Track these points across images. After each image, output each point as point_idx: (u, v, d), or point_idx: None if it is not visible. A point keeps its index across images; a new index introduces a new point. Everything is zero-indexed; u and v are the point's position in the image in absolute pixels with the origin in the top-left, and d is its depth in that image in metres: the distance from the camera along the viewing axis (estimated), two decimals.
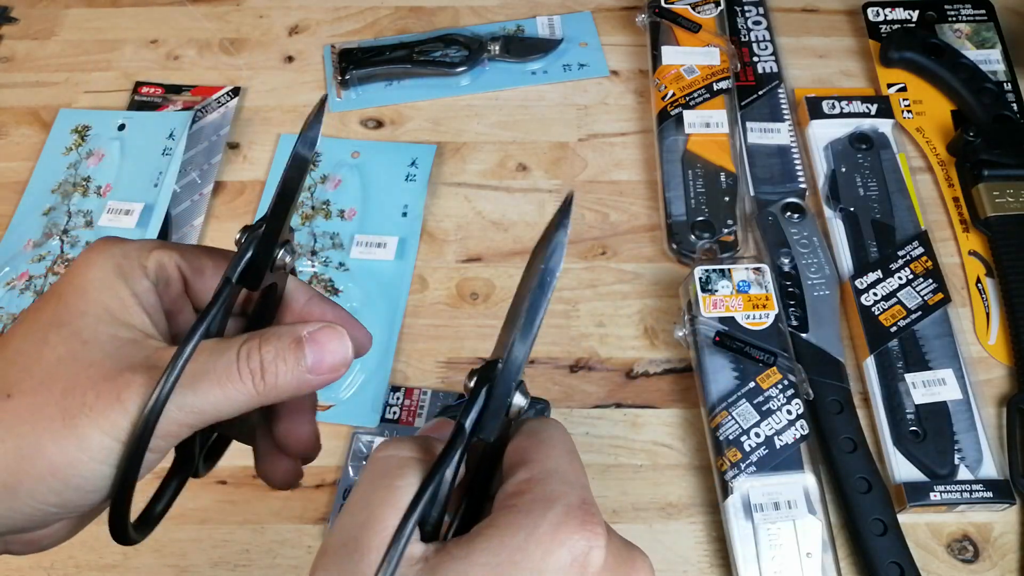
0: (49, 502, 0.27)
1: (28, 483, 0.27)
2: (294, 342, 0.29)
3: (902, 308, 0.58)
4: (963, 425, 0.55)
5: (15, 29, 0.78)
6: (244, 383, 0.28)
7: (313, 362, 0.29)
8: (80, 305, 0.29)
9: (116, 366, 0.28)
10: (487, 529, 0.25)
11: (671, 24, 0.72)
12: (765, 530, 0.50)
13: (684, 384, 0.58)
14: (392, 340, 0.60)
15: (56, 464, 0.27)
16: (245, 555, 0.52)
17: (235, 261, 0.30)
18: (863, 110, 0.67)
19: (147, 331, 0.30)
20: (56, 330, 0.28)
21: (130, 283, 0.30)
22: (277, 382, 0.29)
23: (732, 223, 0.63)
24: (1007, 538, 0.53)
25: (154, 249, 0.31)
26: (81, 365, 0.28)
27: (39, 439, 0.27)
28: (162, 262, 0.31)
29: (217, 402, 0.28)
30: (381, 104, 0.72)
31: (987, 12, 0.74)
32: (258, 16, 0.78)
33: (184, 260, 0.32)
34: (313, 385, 0.30)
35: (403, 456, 0.27)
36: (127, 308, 0.29)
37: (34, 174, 0.68)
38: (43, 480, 0.27)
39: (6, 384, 0.28)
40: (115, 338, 0.29)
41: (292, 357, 0.29)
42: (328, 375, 0.30)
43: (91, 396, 0.27)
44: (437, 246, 0.64)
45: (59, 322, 0.29)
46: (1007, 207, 0.62)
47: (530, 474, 0.26)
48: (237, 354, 0.28)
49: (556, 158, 0.69)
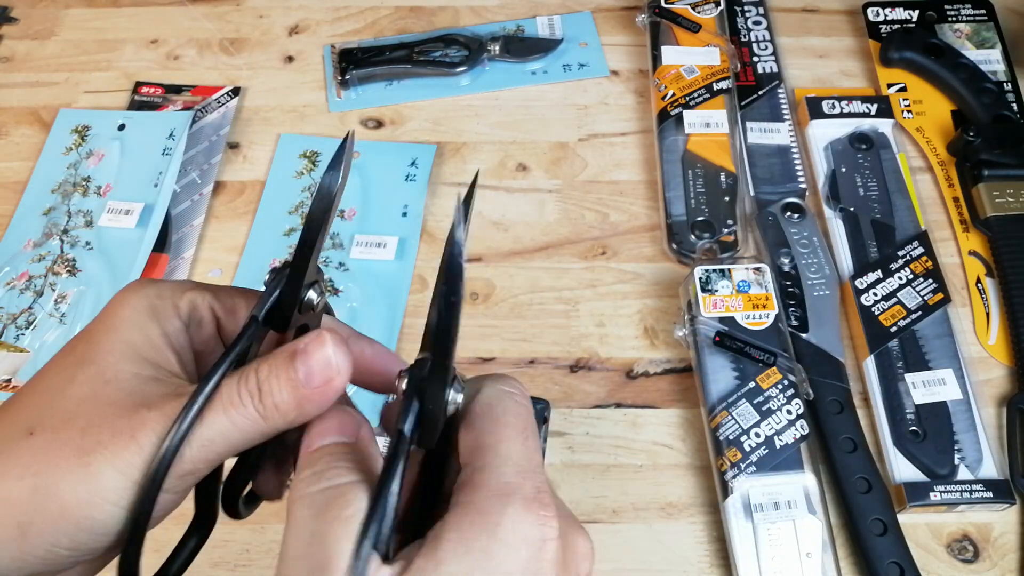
0: (61, 544, 0.27)
1: (40, 524, 0.26)
2: (288, 357, 0.28)
3: (902, 308, 0.58)
4: (963, 425, 0.55)
5: (15, 29, 0.78)
6: (245, 406, 0.27)
7: (304, 374, 0.28)
8: (107, 344, 0.29)
9: (134, 403, 0.27)
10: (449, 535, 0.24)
11: (671, 24, 0.72)
12: (765, 530, 0.50)
13: (684, 384, 0.58)
14: (392, 340, 0.60)
15: (68, 504, 0.26)
16: (245, 555, 0.52)
17: (261, 301, 0.29)
18: (863, 110, 0.67)
19: (172, 370, 0.29)
20: (83, 368, 0.28)
21: (161, 323, 0.30)
22: (275, 401, 0.28)
23: (732, 223, 0.63)
24: (1007, 538, 0.53)
25: (188, 290, 0.31)
26: (102, 404, 0.27)
27: (53, 477, 0.26)
28: (195, 303, 0.31)
29: (225, 431, 0.27)
30: (381, 104, 0.72)
31: (987, 12, 0.74)
32: (258, 16, 0.78)
33: (217, 301, 0.31)
34: (314, 400, 0.28)
35: (343, 483, 0.26)
36: (155, 347, 0.29)
37: (34, 174, 0.68)
38: (55, 521, 0.26)
39: (30, 422, 0.27)
40: (137, 376, 0.28)
41: (284, 372, 0.28)
42: (323, 386, 0.28)
43: (106, 435, 0.27)
44: (437, 246, 0.64)
45: (86, 360, 0.28)
46: (1007, 207, 0.62)
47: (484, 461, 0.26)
48: (238, 379, 0.28)
49: (556, 158, 0.69)
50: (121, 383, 0.28)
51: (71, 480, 0.26)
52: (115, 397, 0.27)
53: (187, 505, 0.31)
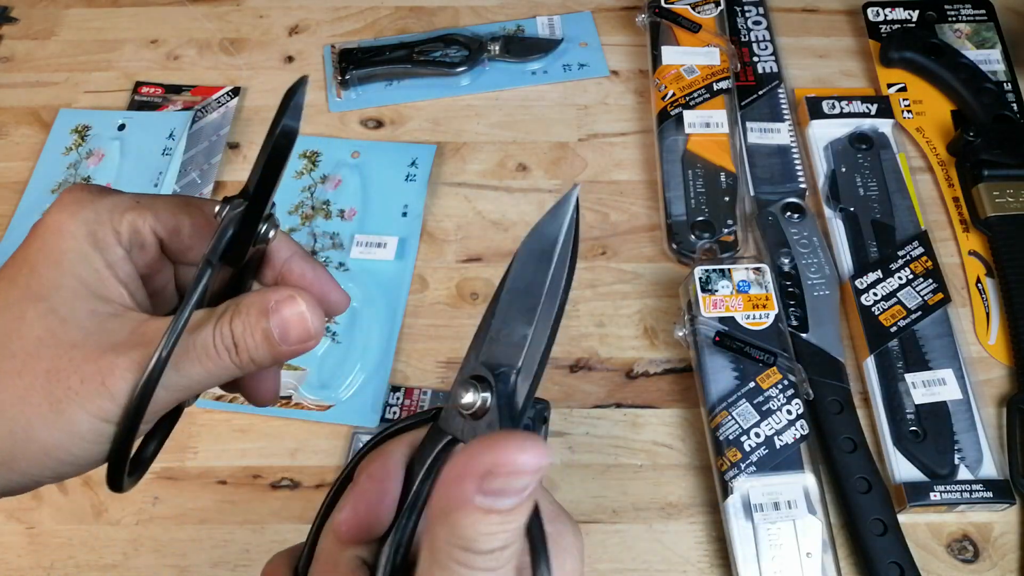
0: (44, 476, 0.28)
1: (23, 461, 0.27)
2: (261, 315, 0.29)
3: (902, 308, 0.58)
4: (963, 425, 0.55)
5: (15, 29, 0.78)
6: (222, 359, 0.29)
7: (279, 335, 0.29)
8: (55, 278, 0.28)
9: (98, 347, 0.28)
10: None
11: (671, 24, 0.72)
12: (765, 530, 0.50)
13: (684, 384, 0.58)
14: (392, 340, 0.60)
15: (48, 445, 0.27)
16: (245, 555, 0.52)
17: (215, 242, 0.29)
18: (863, 110, 0.67)
19: (125, 303, 0.29)
20: (32, 305, 0.28)
21: (104, 253, 0.29)
22: (251, 356, 0.29)
23: (732, 223, 0.63)
24: (1007, 538, 0.53)
25: (127, 211, 0.30)
26: (63, 346, 0.27)
27: (29, 423, 0.27)
28: (136, 226, 0.30)
29: (201, 378, 0.29)
30: (381, 104, 0.72)
31: (987, 12, 0.74)
32: (258, 16, 0.78)
33: (159, 222, 0.31)
34: (288, 354, 0.30)
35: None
36: (103, 281, 0.29)
37: (34, 174, 0.68)
38: (37, 458, 0.27)
39: None
40: (94, 313, 0.28)
41: (260, 331, 0.29)
42: (298, 345, 0.30)
43: (75, 381, 0.27)
44: (437, 246, 0.64)
45: (34, 296, 0.28)
46: (1007, 207, 0.62)
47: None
48: (212, 332, 0.29)
49: (556, 158, 0.69)
50: (79, 322, 0.28)
51: (46, 424, 0.27)
52: (76, 338, 0.28)
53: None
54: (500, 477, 0.20)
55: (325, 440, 0.56)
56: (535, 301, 0.22)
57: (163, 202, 0.31)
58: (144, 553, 0.53)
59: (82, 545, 0.53)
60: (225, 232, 0.29)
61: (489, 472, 0.20)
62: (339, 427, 0.56)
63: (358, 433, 0.56)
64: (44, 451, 0.27)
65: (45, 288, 0.28)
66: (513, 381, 0.23)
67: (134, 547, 0.53)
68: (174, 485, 0.55)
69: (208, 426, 0.57)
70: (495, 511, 0.21)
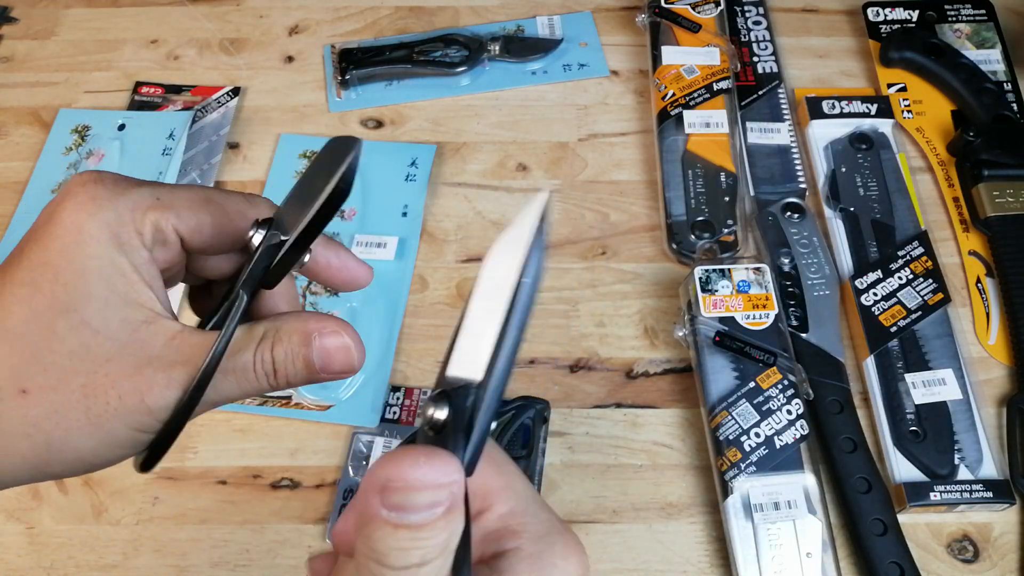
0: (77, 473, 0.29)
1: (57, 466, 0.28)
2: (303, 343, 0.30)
3: (902, 308, 0.58)
4: (963, 425, 0.55)
5: (15, 29, 0.78)
6: (260, 382, 0.30)
7: (322, 364, 0.30)
8: (83, 287, 0.27)
9: (134, 361, 0.28)
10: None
11: (671, 24, 0.72)
12: (765, 530, 0.50)
13: (684, 384, 0.58)
14: (392, 340, 0.60)
15: (83, 453, 0.28)
16: (245, 555, 0.52)
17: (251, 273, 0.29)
18: (863, 110, 0.67)
19: (155, 309, 0.29)
20: (63, 317, 0.27)
21: (130, 256, 0.28)
22: (289, 380, 0.30)
23: (732, 223, 0.63)
24: (1007, 538, 0.53)
25: (148, 210, 0.29)
26: (98, 361, 0.27)
27: (66, 435, 0.27)
28: (159, 226, 0.29)
29: (232, 395, 0.30)
30: (381, 104, 0.72)
31: (987, 12, 0.74)
32: (258, 16, 0.78)
33: (181, 220, 0.30)
34: (324, 380, 0.31)
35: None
36: (132, 286, 0.28)
37: (34, 174, 0.68)
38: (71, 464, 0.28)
39: (18, 378, 0.27)
40: (126, 322, 0.28)
41: (301, 359, 0.30)
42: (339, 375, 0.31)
43: (113, 397, 0.27)
44: (437, 246, 0.64)
45: (63, 307, 0.27)
46: (1007, 207, 0.62)
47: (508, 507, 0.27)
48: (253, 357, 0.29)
49: (556, 158, 0.69)
50: (111, 333, 0.28)
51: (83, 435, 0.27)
52: (110, 351, 0.27)
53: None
54: (398, 492, 0.21)
55: (325, 440, 0.56)
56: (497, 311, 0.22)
57: (185, 199, 0.30)
58: (144, 553, 0.53)
59: (82, 545, 0.53)
60: (260, 262, 0.30)
61: (384, 487, 0.21)
62: (339, 427, 0.56)
63: (358, 433, 0.56)
64: (79, 458, 0.28)
65: (74, 298, 0.27)
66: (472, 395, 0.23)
67: (134, 547, 0.53)
68: (174, 485, 0.55)
69: (208, 426, 0.57)
70: (403, 526, 0.21)
